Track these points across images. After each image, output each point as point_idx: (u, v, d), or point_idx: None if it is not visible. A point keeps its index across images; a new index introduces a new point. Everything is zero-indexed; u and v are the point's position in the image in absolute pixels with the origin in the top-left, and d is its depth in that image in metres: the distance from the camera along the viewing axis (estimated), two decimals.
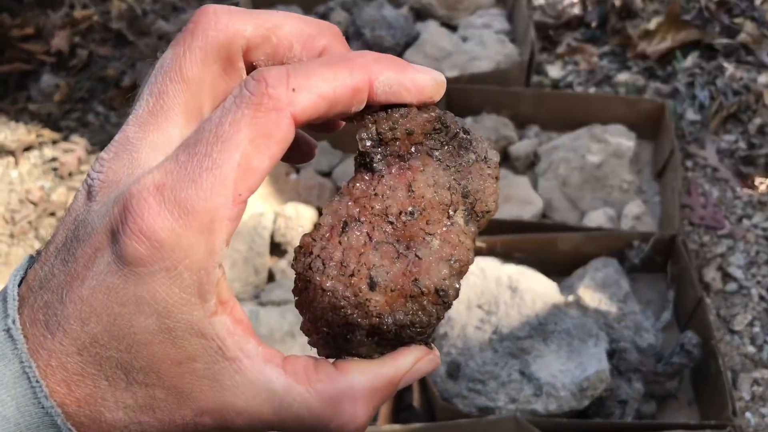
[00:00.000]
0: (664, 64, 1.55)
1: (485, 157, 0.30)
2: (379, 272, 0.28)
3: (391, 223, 0.28)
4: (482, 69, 1.44)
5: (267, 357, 0.27)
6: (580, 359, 0.95)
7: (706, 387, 0.99)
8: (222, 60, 0.27)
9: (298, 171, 1.40)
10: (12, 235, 1.44)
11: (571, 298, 1.03)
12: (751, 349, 1.12)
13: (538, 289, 1.02)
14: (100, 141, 1.65)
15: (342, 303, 0.28)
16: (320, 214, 0.34)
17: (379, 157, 0.29)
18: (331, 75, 0.26)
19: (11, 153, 1.64)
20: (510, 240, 1.12)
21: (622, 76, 1.54)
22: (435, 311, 0.29)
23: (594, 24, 1.66)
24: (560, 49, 1.64)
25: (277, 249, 1.27)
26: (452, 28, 1.60)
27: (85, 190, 0.27)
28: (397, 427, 0.90)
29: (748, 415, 1.05)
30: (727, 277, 1.20)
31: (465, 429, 0.90)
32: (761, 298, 1.17)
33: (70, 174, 1.56)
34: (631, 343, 1.00)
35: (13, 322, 0.26)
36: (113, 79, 1.82)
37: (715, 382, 0.95)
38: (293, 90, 0.26)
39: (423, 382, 0.97)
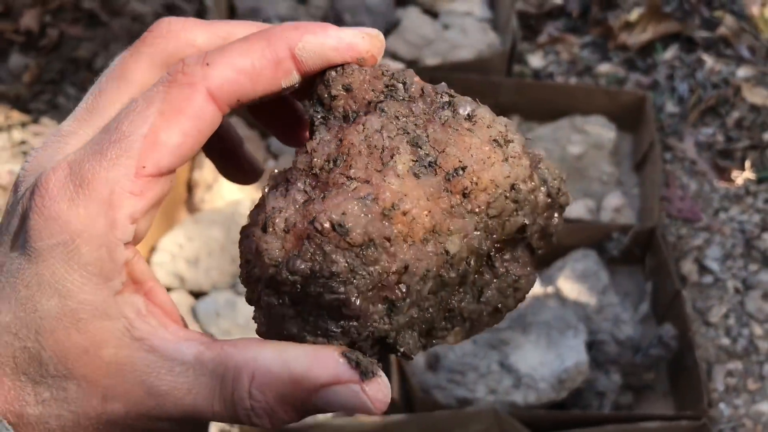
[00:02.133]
0: (645, 55, 1.55)
1: (469, 115, 0.26)
2: (273, 213, 0.24)
3: (315, 175, 0.25)
4: (463, 57, 1.43)
5: (189, 336, 0.25)
6: (559, 351, 0.95)
7: (682, 378, 1.00)
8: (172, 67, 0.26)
9: (276, 157, 1.38)
10: None
11: (550, 289, 1.03)
12: (725, 341, 1.13)
13: None
14: None
15: (247, 257, 0.25)
16: None
17: (320, 118, 0.26)
18: (247, 48, 0.25)
19: None
20: None
21: (603, 67, 1.54)
22: (342, 259, 0.24)
23: (575, 14, 1.66)
24: (541, 39, 1.63)
25: None
26: (434, 14, 1.59)
27: (15, 182, 0.27)
28: (375, 418, 0.89)
29: (721, 406, 1.06)
30: (703, 269, 1.21)
31: (444, 420, 0.89)
32: (736, 290, 1.19)
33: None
34: (610, 335, 1.00)
35: None
36: (85, 60, 1.77)
37: (691, 373, 0.96)
38: (207, 65, 0.25)
39: (401, 373, 0.96)
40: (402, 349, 0.26)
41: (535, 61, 1.58)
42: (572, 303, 1.02)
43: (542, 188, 0.27)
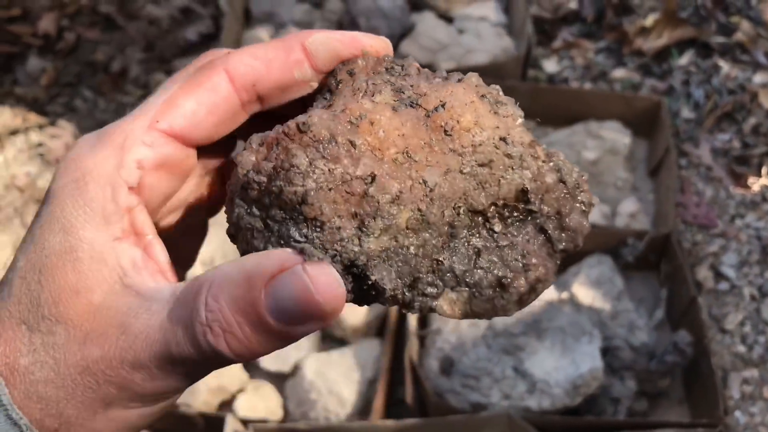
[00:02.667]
0: (660, 61, 1.54)
1: (459, 79, 0.27)
2: (253, 137, 0.26)
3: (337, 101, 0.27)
4: (478, 62, 1.43)
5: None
6: (574, 356, 0.94)
7: (698, 385, 0.99)
8: None
9: None
10: None
11: (565, 295, 1.03)
12: (741, 348, 1.12)
13: None
14: (87, 127, 1.62)
15: (229, 187, 0.26)
16: None
17: (325, 100, 0.28)
18: (264, 44, 0.28)
19: None
20: None
21: (618, 73, 1.54)
22: (302, 153, 0.24)
23: (590, 19, 1.65)
24: (556, 44, 1.63)
25: None
26: (449, 19, 1.59)
27: None
28: (389, 422, 0.89)
29: (737, 413, 1.05)
30: (719, 276, 1.20)
31: (458, 425, 0.89)
32: (752, 297, 1.18)
33: (57, 160, 1.53)
34: (625, 341, 0.99)
35: None
36: (102, 63, 1.78)
37: (707, 380, 0.95)
38: (228, 53, 0.27)
39: (415, 377, 0.96)
40: (374, 278, 0.25)
41: (550, 66, 1.58)
42: (587, 309, 1.02)
43: (554, 169, 0.27)
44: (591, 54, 1.60)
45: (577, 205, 0.27)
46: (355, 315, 1.06)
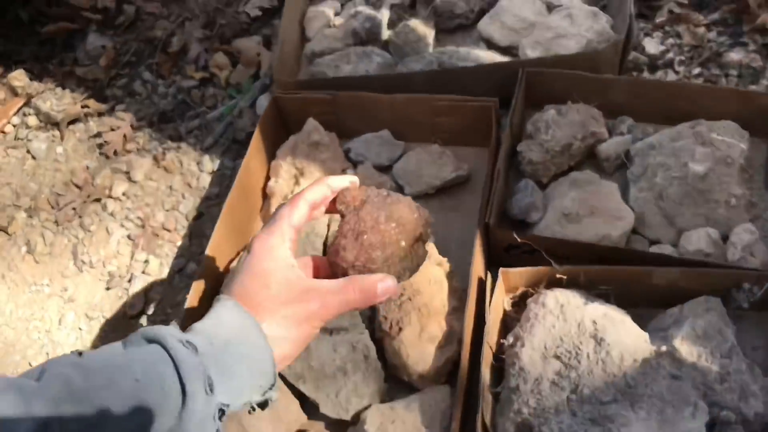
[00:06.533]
0: None
1: (399, 199, 0.67)
2: (341, 242, 0.64)
3: (352, 229, 0.64)
4: (570, 49, 1.25)
5: (301, 263, 0.66)
6: None
7: None
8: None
9: (355, 166, 1.27)
10: (57, 222, 1.37)
11: (664, 348, 0.89)
12: None
13: (627, 341, 0.88)
14: (146, 114, 1.55)
15: (337, 255, 0.64)
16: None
17: (343, 209, 0.66)
18: (317, 189, 0.67)
19: (56, 125, 1.56)
20: (595, 271, 0.97)
21: (735, 55, 1.32)
22: (380, 253, 0.64)
23: None
24: (660, 17, 1.41)
25: None
26: None
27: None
28: None
29: None
30: None
31: None
32: None
33: (116, 153, 1.47)
34: (736, 411, 0.85)
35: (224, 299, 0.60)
36: (161, 40, 1.69)
37: None
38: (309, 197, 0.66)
39: None
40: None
41: (652, 46, 1.37)
42: (690, 368, 0.88)
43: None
44: (702, 29, 1.38)
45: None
46: (423, 360, 0.96)
